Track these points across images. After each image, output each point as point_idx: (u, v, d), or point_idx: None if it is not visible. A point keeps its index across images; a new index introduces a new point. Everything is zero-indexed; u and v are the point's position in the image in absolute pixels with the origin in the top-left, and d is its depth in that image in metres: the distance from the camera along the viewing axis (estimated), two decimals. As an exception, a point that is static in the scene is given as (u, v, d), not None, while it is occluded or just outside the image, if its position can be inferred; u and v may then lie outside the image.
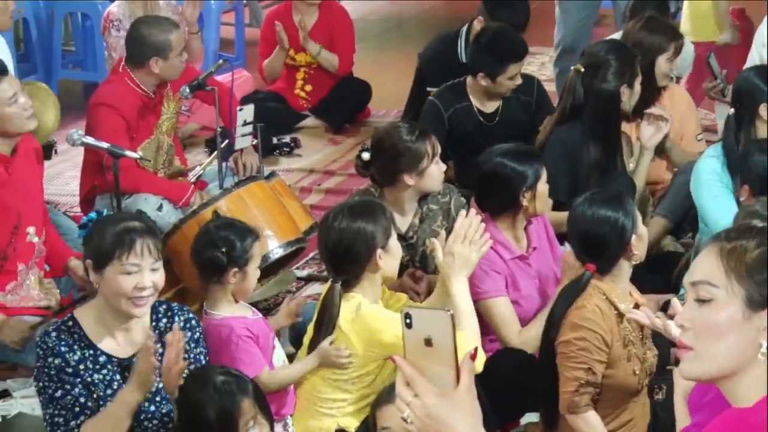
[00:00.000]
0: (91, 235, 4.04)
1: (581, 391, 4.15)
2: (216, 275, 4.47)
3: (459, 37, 7.35)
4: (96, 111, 6.25)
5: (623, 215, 4.23)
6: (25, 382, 5.21)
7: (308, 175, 7.61)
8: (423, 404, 2.32)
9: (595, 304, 4.19)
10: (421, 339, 2.30)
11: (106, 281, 3.96)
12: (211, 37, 9.42)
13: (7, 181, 5.39)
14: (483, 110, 6.31)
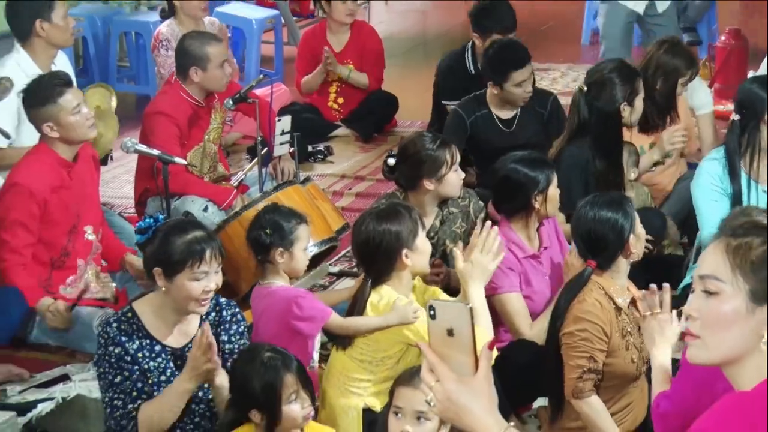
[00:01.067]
0: (158, 245, 4.02)
1: (584, 378, 4.15)
2: (262, 253, 4.51)
3: (466, 52, 7.37)
4: (152, 119, 6.27)
5: (622, 216, 4.23)
6: (83, 366, 5.22)
7: (340, 179, 7.61)
8: (444, 389, 2.34)
9: (595, 298, 4.20)
10: (444, 329, 2.32)
11: (176, 287, 3.98)
12: (253, 54, 9.44)
13: (69, 184, 5.42)
14: (501, 117, 6.30)
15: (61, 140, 5.36)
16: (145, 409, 3.94)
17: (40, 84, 5.43)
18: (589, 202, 4.33)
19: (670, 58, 6.13)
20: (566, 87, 9.31)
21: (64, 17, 6.17)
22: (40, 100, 5.31)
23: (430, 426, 3.61)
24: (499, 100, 6.26)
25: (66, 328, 5.33)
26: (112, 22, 9.46)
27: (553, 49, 10.68)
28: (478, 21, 7.23)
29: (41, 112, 5.32)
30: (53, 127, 5.31)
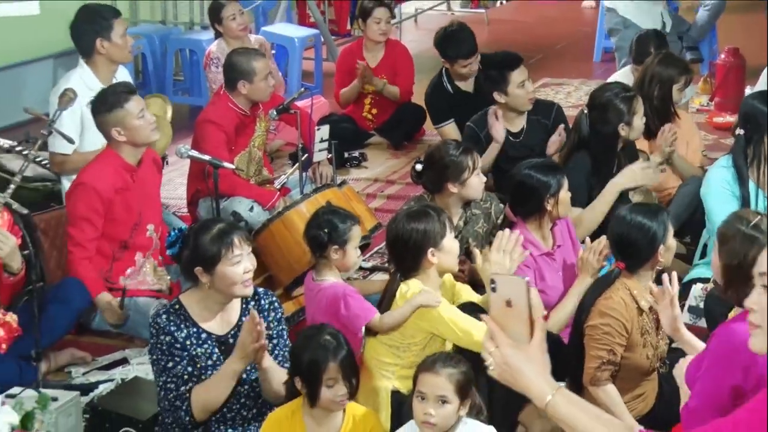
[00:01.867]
0: (191, 249, 4.04)
1: (603, 368, 4.15)
2: (319, 250, 4.52)
3: (442, 76, 7.43)
4: (203, 127, 6.30)
5: (657, 225, 4.21)
6: (140, 351, 5.25)
7: (373, 183, 7.61)
8: (501, 354, 2.39)
9: (620, 296, 4.19)
10: (503, 301, 2.37)
11: (219, 277, 3.99)
12: (295, 69, 9.46)
13: (132, 186, 5.45)
14: (510, 129, 6.27)
15: (127, 143, 5.39)
16: (198, 390, 3.96)
17: (108, 93, 5.48)
18: (629, 208, 4.33)
19: (663, 68, 6.17)
20: (579, 100, 9.27)
21: (123, 36, 6.19)
22: (109, 106, 5.35)
23: (450, 408, 3.63)
24: (507, 110, 6.23)
25: (119, 324, 5.35)
26: (168, 40, 9.50)
27: (568, 65, 10.65)
28: (443, 49, 7.31)
29: (109, 118, 5.35)
30: (120, 131, 5.35)
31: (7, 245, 4.73)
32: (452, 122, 7.33)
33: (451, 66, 7.29)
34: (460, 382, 3.65)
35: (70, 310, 5.21)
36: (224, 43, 7.83)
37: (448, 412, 3.63)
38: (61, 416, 4.22)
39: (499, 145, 6.11)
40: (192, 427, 4.01)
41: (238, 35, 7.85)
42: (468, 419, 3.71)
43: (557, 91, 9.55)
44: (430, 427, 3.63)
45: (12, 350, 4.90)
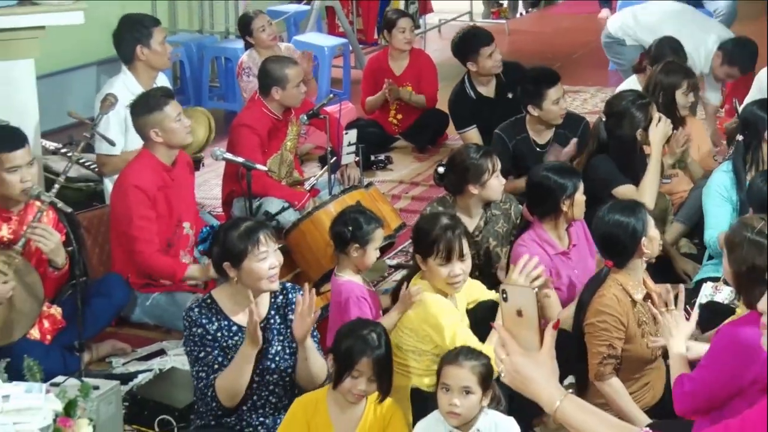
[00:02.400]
0: (220, 245, 4.05)
1: (605, 363, 4.13)
2: (341, 246, 4.53)
3: (464, 83, 7.40)
4: (237, 131, 6.31)
5: (635, 220, 4.19)
6: (177, 343, 5.25)
7: (398, 185, 7.59)
8: (512, 362, 2.38)
9: (612, 293, 4.17)
10: (514, 310, 2.36)
11: (245, 272, 3.99)
12: (324, 76, 9.45)
13: (170, 184, 5.46)
14: (537, 141, 6.24)
15: (163, 145, 5.40)
16: (220, 378, 3.97)
17: (148, 96, 5.50)
18: (607, 208, 4.30)
19: (665, 76, 6.15)
20: (595, 107, 9.25)
21: (162, 43, 6.21)
22: (148, 109, 5.37)
23: (474, 398, 3.62)
24: (538, 123, 6.18)
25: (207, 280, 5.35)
26: (205, 48, 9.52)
27: (584, 73, 10.61)
28: (463, 48, 7.30)
29: (148, 119, 5.37)
30: (158, 132, 5.36)
31: (52, 241, 4.75)
32: (474, 128, 7.31)
33: (476, 62, 7.21)
34: (483, 373, 3.65)
35: (111, 305, 5.23)
36: (255, 53, 7.84)
37: (472, 402, 3.63)
38: (102, 404, 4.23)
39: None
40: (223, 414, 4.01)
41: (269, 45, 7.86)
42: (489, 410, 3.70)
43: (574, 98, 9.51)
44: (455, 417, 3.63)
45: (56, 341, 4.93)
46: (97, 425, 3.52)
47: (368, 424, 3.79)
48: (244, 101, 7.69)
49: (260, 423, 4.07)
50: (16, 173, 4.69)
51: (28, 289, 4.74)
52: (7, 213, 4.81)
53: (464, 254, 4.22)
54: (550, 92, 6.06)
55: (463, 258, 4.22)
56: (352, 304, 4.42)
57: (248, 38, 7.92)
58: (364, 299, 4.45)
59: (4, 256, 4.65)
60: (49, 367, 4.05)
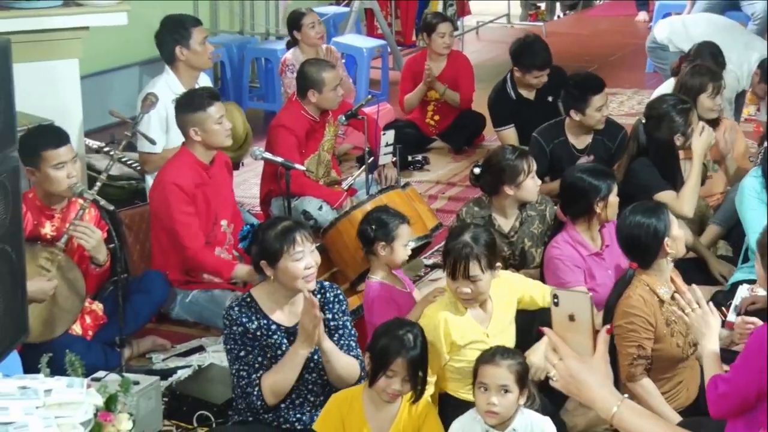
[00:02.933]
0: (258, 244, 4.05)
1: (635, 364, 4.11)
2: (367, 245, 4.53)
3: (506, 82, 7.36)
4: (275, 131, 6.33)
5: (656, 221, 4.18)
6: (216, 340, 5.27)
7: (435, 185, 7.59)
8: (567, 366, 2.35)
9: (639, 294, 4.15)
10: (566, 315, 2.34)
11: (281, 271, 3.99)
12: (363, 77, 9.46)
13: (208, 182, 5.48)
14: (576, 145, 6.21)
15: (202, 144, 5.42)
16: (267, 376, 3.97)
17: (194, 95, 5.52)
18: (629, 210, 4.30)
19: (689, 77, 6.11)
20: (632, 109, 9.24)
21: (202, 43, 6.23)
22: (192, 107, 5.39)
23: (512, 397, 3.61)
24: (578, 127, 6.15)
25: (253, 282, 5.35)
26: (245, 49, 9.54)
27: (621, 76, 10.56)
28: (518, 59, 7.23)
29: (190, 118, 5.39)
30: (198, 131, 5.38)
31: (94, 238, 4.78)
32: (512, 127, 7.29)
33: (523, 75, 7.21)
34: (520, 372, 3.64)
35: (151, 301, 5.26)
36: (299, 52, 7.87)
37: (509, 401, 3.62)
38: (142, 399, 4.26)
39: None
40: (263, 411, 4.02)
41: (315, 43, 7.88)
42: (525, 409, 3.69)
43: (611, 100, 9.44)
44: (493, 416, 3.62)
45: (97, 337, 4.97)
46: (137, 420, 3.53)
47: (402, 422, 3.79)
48: (284, 98, 7.72)
49: (297, 419, 4.08)
50: (62, 169, 4.73)
51: (71, 285, 4.78)
52: (50, 210, 4.86)
53: (471, 276, 4.02)
54: (595, 99, 6.04)
55: (472, 279, 4.02)
56: (376, 305, 4.42)
57: (296, 33, 7.90)
58: (392, 299, 4.44)
59: (47, 252, 4.70)
60: (90, 362, 4.07)
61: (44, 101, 5.57)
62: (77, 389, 3.10)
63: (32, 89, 5.35)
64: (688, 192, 5.41)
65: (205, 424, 4.52)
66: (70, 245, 4.80)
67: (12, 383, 3.07)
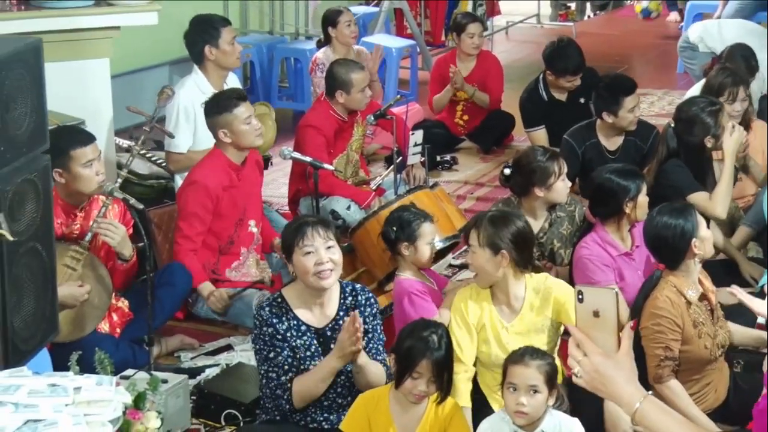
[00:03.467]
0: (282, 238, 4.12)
1: (663, 365, 4.08)
2: (390, 246, 4.53)
3: (538, 83, 7.35)
4: (304, 131, 6.34)
5: (683, 222, 4.16)
6: (244, 338, 5.29)
7: (463, 185, 7.57)
8: (592, 362, 2.33)
9: (665, 295, 4.13)
10: (590, 311, 2.32)
11: (295, 266, 4.02)
12: (392, 77, 9.46)
13: (237, 184, 5.50)
14: (607, 147, 6.18)
15: (232, 145, 5.44)
16: (298, 381, 3.97)
17: (220, 97, 5.54)
18: (656, 211, 4.28)
19: (713, 77, 6.05)
20: (662, 110, 9.20)
21: (230, 43, 6.24)
22: (219, 109, 5.41)
23: (541, 397, 3.60)
24: (609, 129, 6.12)
25: (223, 312, 5.39)
26: (275, 49, 9.56)
27: (651, 76, 10.51)
28: (551, 63, 7.22)
29: (219, 120, 5.41)
30: (227, 133, 5.40)
31: (118, 234, 4.80)
32: (543, 128, 7.27)
33: (556, 79, 7.20)
34: (549, 372, 3.63)
35: (175, 293, 5.27)
36: (330, 51, 7.87)
37: (539, 401, 3.61)
38: (170, 397, 4.27)
39: None
40: (291, 413, 4.03)
41: (349, 42, 7.89)
42: (554, 410, 3.68)
43: (641, 101, 9.43)
44: (522, 417, 3.61)
45: (125, 334, 4.99)
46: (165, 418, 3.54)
47: (429, 423, 3.78)
48: (314, 97, 7.72)
49: (324, 419, 4.08)
50: (91, 167, 4.75)
51: (98, 282, 4.80)
52: (74, 209, 4.88)
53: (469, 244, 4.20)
54: (627, 100, 6.00)
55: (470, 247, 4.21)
56: (408, 300, 4.42)
57: (330, 30, 7.89)
58: (422, 294, 4.44)
59: (72, 251, 4.72)
60: (119, 360, 4.09)
61: (75, 100, 5.60)
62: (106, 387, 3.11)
63: (63, 89, 5.39)
64: (721, 193, 5.37)
65: (232, 423, 4.53)
66: (95, 242, 4.82)
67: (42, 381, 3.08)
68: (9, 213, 3.40)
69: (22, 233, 3.52)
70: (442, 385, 3.75)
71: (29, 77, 3.55)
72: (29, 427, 2.84)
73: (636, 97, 6.06)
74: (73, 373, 3.24)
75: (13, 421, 2.83)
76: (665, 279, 4.17)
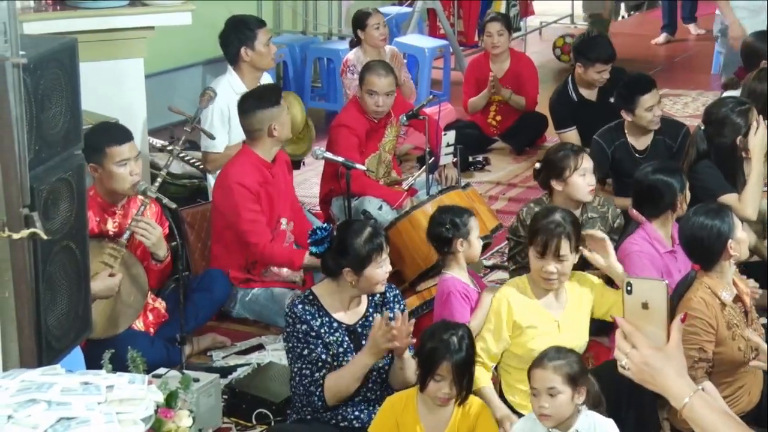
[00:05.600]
0: (340, 251, 4.07)
1: (696, 367, 4.05)
2: (446, 246, 4.54)
3: (567, 85, 7.33)
4: (336, 131, 6.35)
5: (720, 223, 4.13)
6: (275, 338, 5.30)
7: (496, 186, 7.56)
8: (641, 354, 2.29)
9: (700, 296, 4.10)
10: (639, 303, 2.29)
11: (366, 278, 4.04)
12: (425, 77, 9.44)
13: (271, 181, 5.51)
14: (636, 146, 6.14)
15: (276, 140, 5.46)
16: (331, 378, 4.00)
17: (261, 92, 5.60)
18: (693, 211, 4.27)
19: (758, 82, 5.96)
20: (696, 111, 9.10)
21: (266, 45, 6.26)
22: (266, 104, 5.43)
23: (563, 398, 3.58)
24: (635, 128, 6.09)
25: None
26: (308, 49, 9.57)
27: (685, 77, 10.43)
28: (582, 52, 7.21)
29: (266, 114, 5.42)
30: (276, 127, 5.40)
31: (154, 235, 4.82)
32: (574, 129, 7.23)
33: (585, 70, 7.16)
34: (569, 372, 3.61)
35: (212, 300, 5.29)
36: (360, 52, 7.88)
37: (560, 402, 3.58)
38: (202, 396, 4.29)
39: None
40: (323, 410, 4.04)
41: (378, 44, 7.89)
42: (588, 411, 3.65)
43: (675, 102, 9.38)
44: (547, 419, 3.59)
45: (159, 334, 5.01)
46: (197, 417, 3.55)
47: (457, 424, 3.78)
48: (345, 98, 7.73)
49: (355, 417, 4.09)
50: (125, 166, 4.77)
51: (134, 281, 4.82)
52: (112, 207, 4.91)
53: (561, 255, 4.14)
54: (644, 99, 5.97)
55: (560, 259, 4.15)
56: (453, 299, 4.41)
57: (360, 33, 7.91)
58: (466, 295, 4.44)
59: (110, 249, 4.75)
60: (152, 358, 4.11)
61: (109, 100, 5.63)
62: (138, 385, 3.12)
63: (98, 88, 5.41)
64: (750, 193, 5.33)
65: (263, 422, 4.54)
66: (132, 241, 4.85)
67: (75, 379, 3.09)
68: (43, 212, 3.41)
69: (56, 232, 3.53)
70: (462, 386, 3.74)
71: (64, 77, 3.57)
72: (62, 424, 2.85)
73: (654, 96, 6.01)
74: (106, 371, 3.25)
75: (46, 418, 2.84)
76: (699, 280, 4.15)
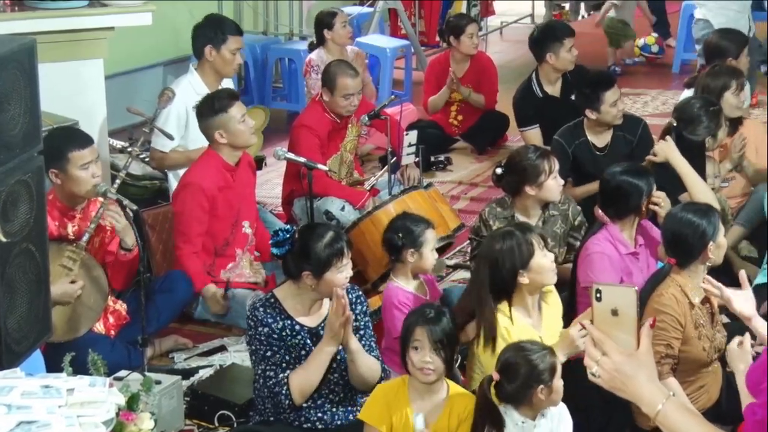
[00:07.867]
0: (302, 254, 4.01)
1: (662, 362, 4.08)
2: (395, 254, 4.52)
3: (531, 81, 7.36)
4: (298, 131, 6.33)
5: (706, 223, 4.16)
6: (237, 340, 5.29)
7: (457, 185, 7.59)
8: (612, 361, 2.28)
9: (671, 293, 4.13)
10: (609, 310, 2.28)
11: (325, 282, 4.00)
12: (386, 77, 9.45)
13: (232, 185, 5.50)
14: (596, 144, 6.17)
15: (228, 146, 5.43)
16: (294, 376, 3.99)
17: (213, 98, 5.53)
18: (681, 206, 4.31)
19: (712, 79, 6.00)
20: (656, 110, 9.20)
21: (233, 52, 6.21)
22: (213, 111, 5.40)
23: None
24: (596, 125, 6.12)
25: (222, 314, 5.39)
26: (269, 49, 9.56)
27: (645, 77, 10.52)
28: (545, 39, 7.26)
29: (213, 121, 5.40)
30: (223, 134, 5.39)
31: (124, 218, 4.79)
32: (536, 127, 7.25)
33: (557, 55, 7.18)
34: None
35: (174, 301, 5.27)
36: (324, 52, 7.88)
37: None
38: (164, 398, 4.27)
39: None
40: (290, 410, 4.03)
41: (346, 42, 7.92)
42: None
43: (635, 101, 9.45)
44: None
45: (121, 336, 4.98)
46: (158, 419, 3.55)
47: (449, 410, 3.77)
48: (308, 99, 7.73)
49: (318, 419, 4.09)
50: (87, 170, 4.75)
51: (94, 283, 4.80)
52: (72, 211, 4.87)
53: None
54: (607, 95, 6.01)
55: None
56: (395, 310, 4.44)
57: (326, 33, 7.92)
58: (405, 305, 4.44)
59: (69, 251, 4.72)
60: (113, 361, 4.10)
61: (69, 101, 5.59)
62: (99, 388, 3.11)
63: (57, 89, 5.38)
64: (699, 192, 5.32)
65: (226, 424, 4.53)
66: (91, 244, 4.82)
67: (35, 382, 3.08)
68: (2, 214, 3.40)
69: (15, 234, 3.51)
70: (443, 358, 3.72)
71: (23, 78, 3.55)
72: (22, 428, 2.84)
73: (616, 91, 6.05)
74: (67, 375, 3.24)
75: (6, 422, 2.83)
76: (672, 277, 4.18)
